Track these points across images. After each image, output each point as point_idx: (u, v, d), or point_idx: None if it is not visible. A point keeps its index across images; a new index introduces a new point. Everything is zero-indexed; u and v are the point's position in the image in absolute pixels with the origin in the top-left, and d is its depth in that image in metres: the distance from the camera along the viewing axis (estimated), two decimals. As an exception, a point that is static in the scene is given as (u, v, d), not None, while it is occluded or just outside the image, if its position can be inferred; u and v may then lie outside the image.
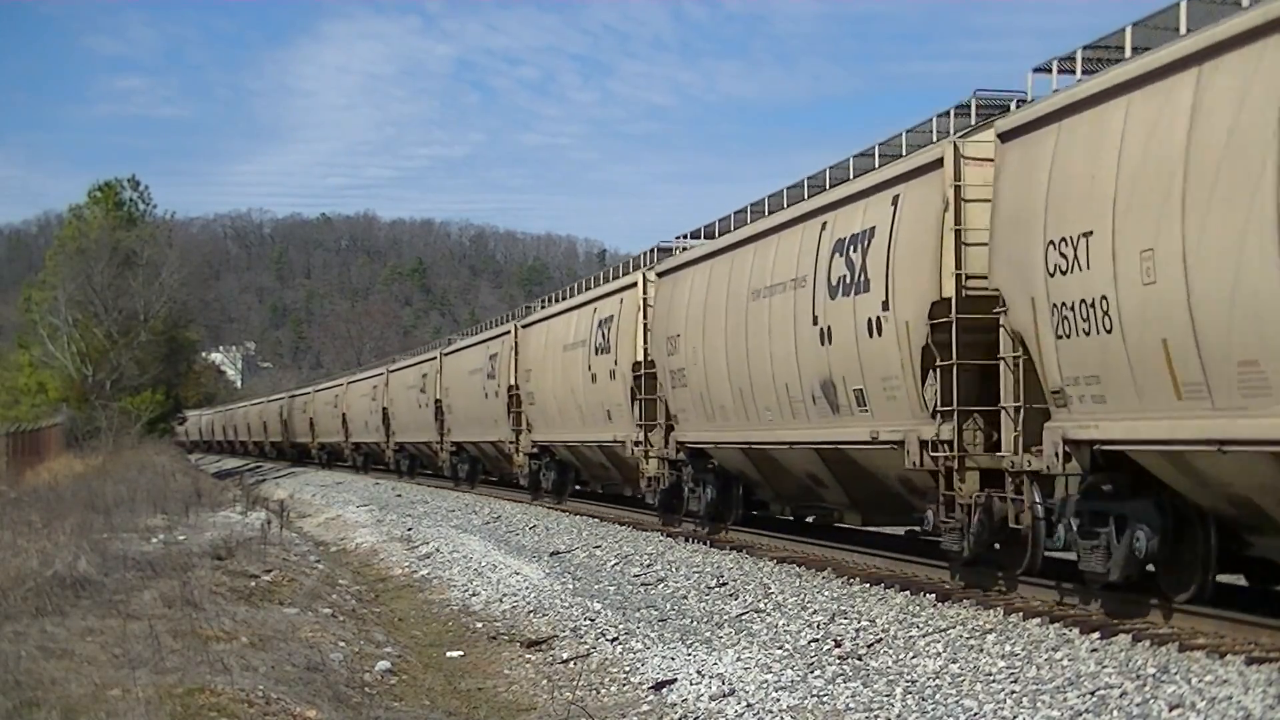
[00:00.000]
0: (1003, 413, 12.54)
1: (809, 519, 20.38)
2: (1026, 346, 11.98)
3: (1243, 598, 11.75)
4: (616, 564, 18.98)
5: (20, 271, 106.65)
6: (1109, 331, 10.58)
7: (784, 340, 16.63)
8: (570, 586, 16.73)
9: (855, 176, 16.05)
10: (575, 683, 11.48)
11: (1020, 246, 11.84)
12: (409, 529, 26.90)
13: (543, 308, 32.21)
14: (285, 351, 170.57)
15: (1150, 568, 11.37)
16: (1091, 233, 10.72)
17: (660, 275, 22.44)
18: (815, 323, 15.78)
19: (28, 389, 60.07)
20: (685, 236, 23.11)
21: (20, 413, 56.21)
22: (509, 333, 32.79)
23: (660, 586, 16.53)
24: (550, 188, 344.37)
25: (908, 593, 14.01)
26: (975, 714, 9.17)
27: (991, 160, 12.74)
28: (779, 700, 9.96)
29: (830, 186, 16.70)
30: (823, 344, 15.61)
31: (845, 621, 12.93)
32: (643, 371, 22.96)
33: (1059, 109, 11.56)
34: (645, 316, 23.11)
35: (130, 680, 9.42)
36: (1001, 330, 12.38)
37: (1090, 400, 11.05)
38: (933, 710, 9.35)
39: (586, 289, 28.21)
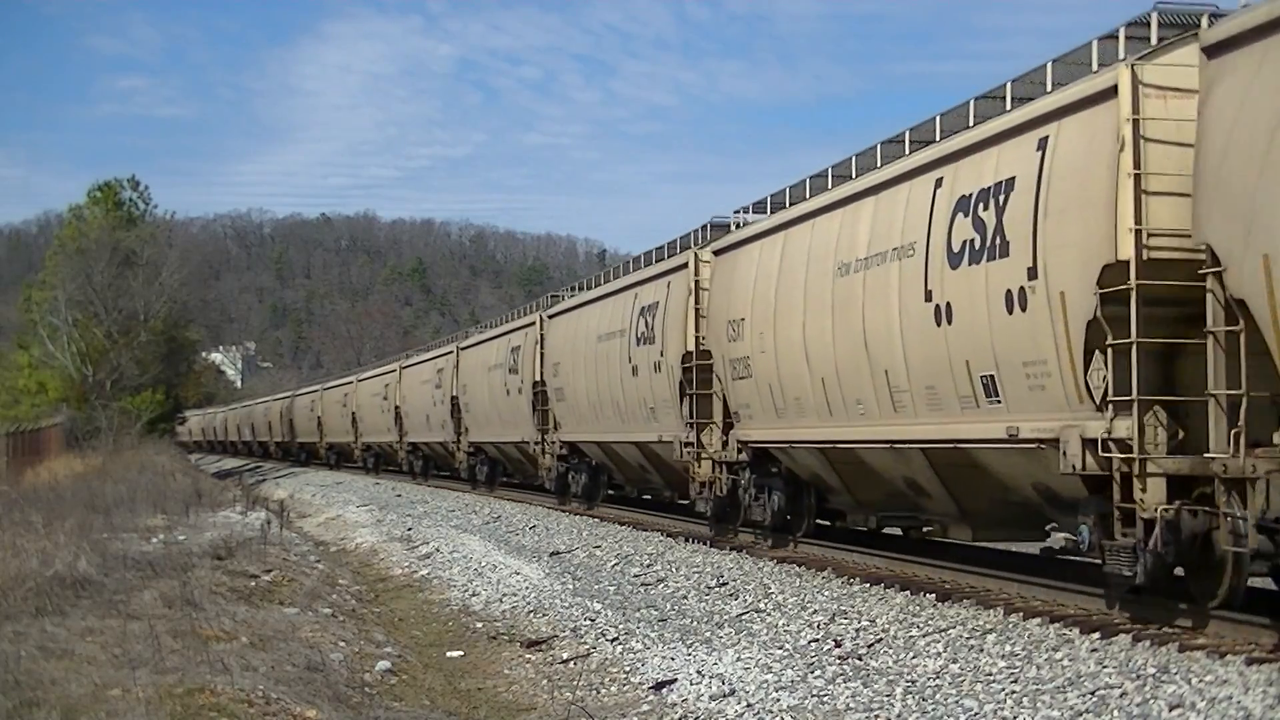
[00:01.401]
0: (1211, 403, 9.99)
1: (898, 531, 18.01)
2: (1254, 317, 9.47)
3: None
4: (616, 564, 18.97)
5: (20, 271, 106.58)
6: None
7: (883, 320, 14.22)
8: (570, 586, 16.73)
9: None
10: (575, 683, 11.48)
11: (1247, 188, 9.43)
12: (409, 529, 26.89)
13: (570, 295, 29.86)
14: (285, 351, 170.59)
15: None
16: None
17: (717, 253, 19.92)
18: (929, 298, 13.31)
19: (28, 389, 60.07)
20: (745, 210, 20.12)
21: (20, 413, 56.21)
22: (534, 323, 30.48)
23: (660, 586, 16.53)
24: (551, 188, 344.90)
25: (908, 593, 14.01)
26: (975, 714, 9.17)
27: (1184, 90, 10.50)
28: (779, 700, 9.96)
29: (942, 139, 14.14)
30: (939, 323, 13.16)
31: (845, 621, 12.93)
32: (694, 363, 20.31)
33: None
34: (698, 301, 20.53)
35: (130, 680, 9.42)
36: (1210, 298, 9.94)
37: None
38: (933, 710, 9.35)
39: (625, 274, 25.56)
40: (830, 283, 15.43)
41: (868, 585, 14.81)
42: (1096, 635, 10.94)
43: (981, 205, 12.40)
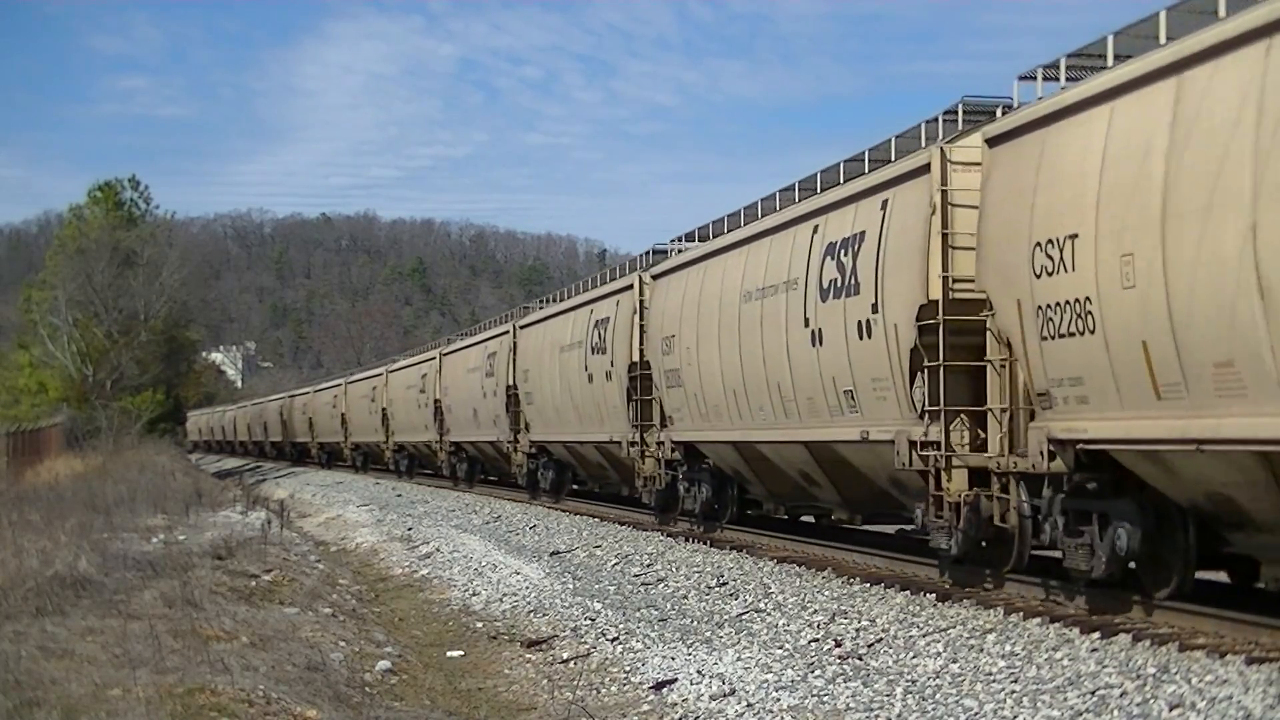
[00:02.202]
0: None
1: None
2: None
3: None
4: (616, 564, 18.98)
5: (20, 271, 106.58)
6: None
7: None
8: (570, 586, 16.74)
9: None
10: (575, 682, 11.48)
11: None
12: (409, 529, 26.91)
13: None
14: (285, 351, 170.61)
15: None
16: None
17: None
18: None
19: (28, 389, 60.08)
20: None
21: (20, 412, 56.21)
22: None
23: (660, 586, 16.54)
24: (553, 187, 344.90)
25: (908, 593, 14.02)
26: (975, 714, 9.17)
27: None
28: (779, 700, 9.96)
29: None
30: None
31: (845, 621, 12.94)
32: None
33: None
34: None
35: (130, 680, 9.42)
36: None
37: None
38: (933, 710, 9.36)
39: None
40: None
41: (868, 585, 14.82)
42: (1096, 635, 10.96)
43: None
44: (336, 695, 10.26)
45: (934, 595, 13.63)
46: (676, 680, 10.97)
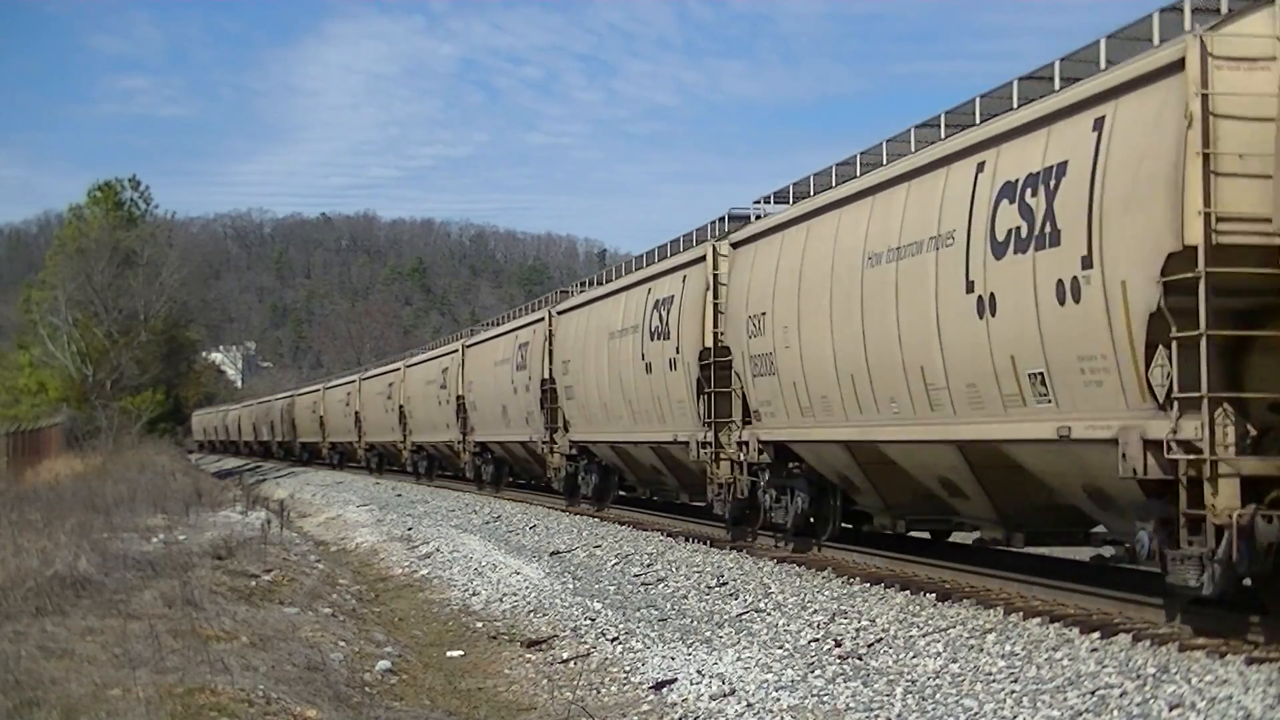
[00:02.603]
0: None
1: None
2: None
3: None
4: (616, 564, 18.98)
5: (20, 271, 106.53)
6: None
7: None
8: (570, 586, 16.73)
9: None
10: (575, 682, 11.48)
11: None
12: (409, 529, 26.90)
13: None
14: (285, 351, 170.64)
15: None
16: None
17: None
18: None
19: (28, 389, 60.09)
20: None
21: (20, 412, 56.21)
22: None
23: (660, 586, 16.54)
24: (553, 187, 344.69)
25: (908, 592, 14.01)
26: (975, 714, 9.17)
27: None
28: (779, 700, 9.96)
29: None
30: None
31: (845, 621, 12.94)
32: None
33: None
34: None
35: (130, 680, 9.42)
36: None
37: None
38: (933, 710, 9.35)
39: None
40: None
41: (868, 585, 14.81)
42: (1096, 635, 10.95)
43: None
44: (336, 695, 10.26)
45: (934, 595, 13.62)
46: (676, 680, 10.96)
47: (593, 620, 14.05)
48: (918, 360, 13.49)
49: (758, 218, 19.18)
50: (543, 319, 29.77)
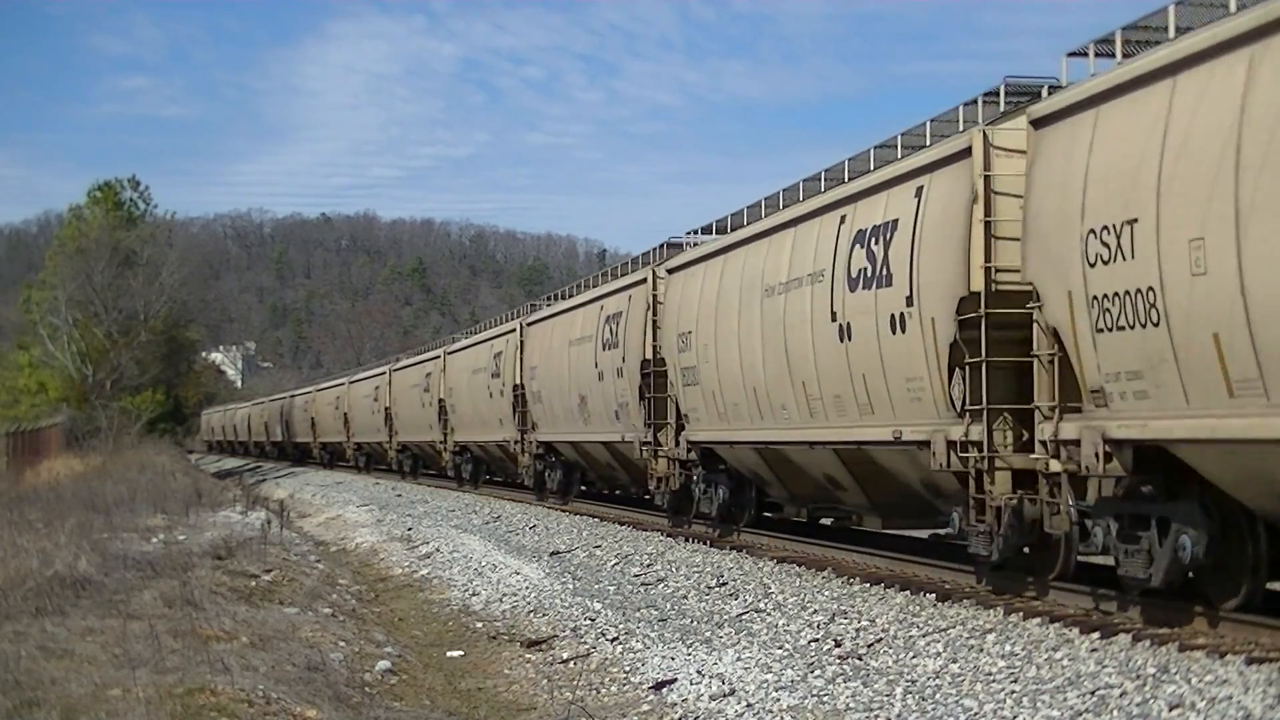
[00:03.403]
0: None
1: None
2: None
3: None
4: (616, 564, 18.98)
5: (20, 271, 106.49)
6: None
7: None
8: (570, 586, 16.73)
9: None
10: (575, 682, 11.48)
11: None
12: (409, 529, 26.90)
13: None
14: (285, 351, 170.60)
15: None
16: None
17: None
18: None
19: (28, 389, 60.09)
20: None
21: (20, 412, 56.24)
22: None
23: (660, 586, 16.54)
24: (554, 187, 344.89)
25: (908, 593, 14.01)
26: (975, 714, 9.17)
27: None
28: (779, 700, 9.96)
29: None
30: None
31: (845, 621, 12.94)
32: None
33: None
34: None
35: (130, 680, 9.42)
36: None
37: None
38: (933, 710, 9.36)
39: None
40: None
41: (868, 585, 14.81)
42: (1096, 635, 10.95)
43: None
44: (336, 695, 10.26)
45: (934, 595, 13.62)
46: (676, 680, 10.97)
47: (593, 620, 14.06)
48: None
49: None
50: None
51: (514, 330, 32.40)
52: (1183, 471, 10.54)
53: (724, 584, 16.00)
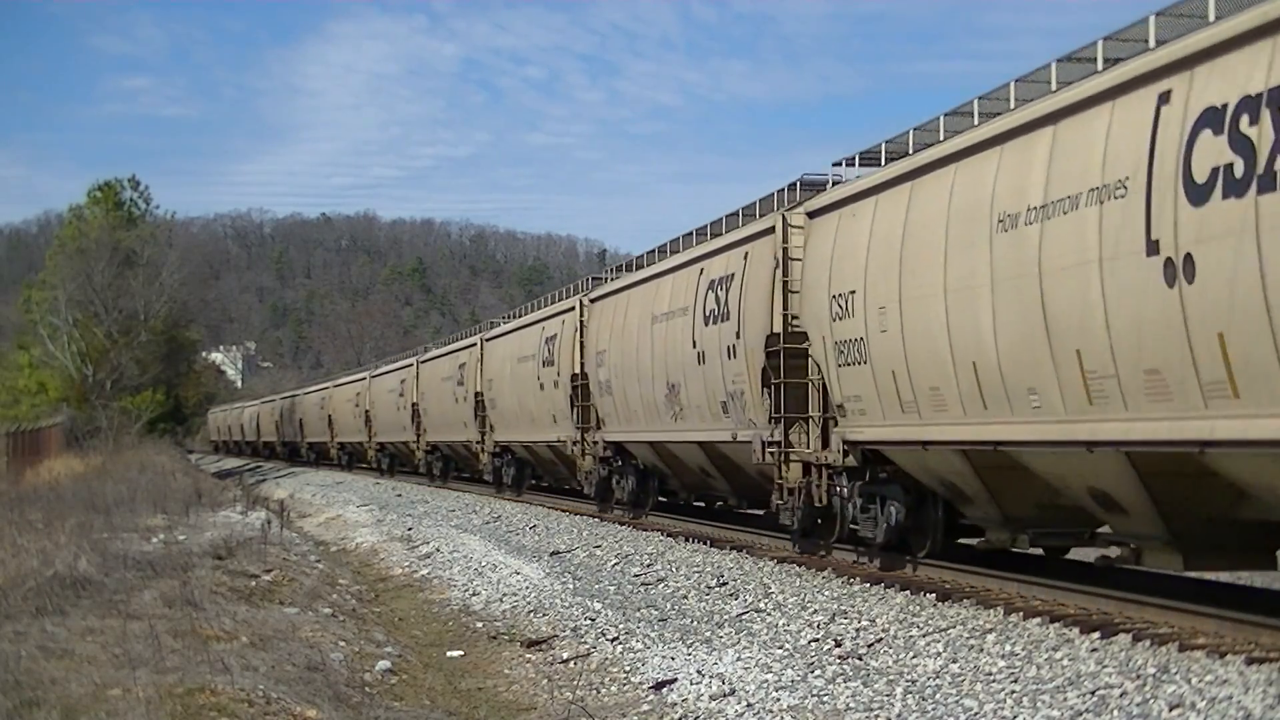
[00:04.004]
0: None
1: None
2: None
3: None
4: (616, 564, 18.98)
5: (20, 271, 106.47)
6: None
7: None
8: (570, 586, 16.74)
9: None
10: (575, 682, 11.48)
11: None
12: (409, 529, 26.91)
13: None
14: (285, 351, 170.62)
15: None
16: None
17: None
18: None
19: (28, 389, 60.05)
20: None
21: (20, 412, 56.18)
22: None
23: (660, 586, 16.54)
24: (555, 187, 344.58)
25: (908, 593, 14.02)
26: (975, 714, 9.17)
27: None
28: (779, 700, 9.96)
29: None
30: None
31: (845, 621, 12.94)
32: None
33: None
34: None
35: (130, 680, 9.42)
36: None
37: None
38: (933, 710, 9.36)
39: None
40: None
41: (868, 585, 14.82)
42: (1096, 635, 10.95)
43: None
44: (336, 695, 10.26)
45: (934, 595, 13.63)
46: (676, 680, 10.97)
47: (593, 620, 14.06)
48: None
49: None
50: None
51: (573, 308, 27.83)
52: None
53: (724, 584, 16.00)
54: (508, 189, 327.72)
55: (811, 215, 16.93)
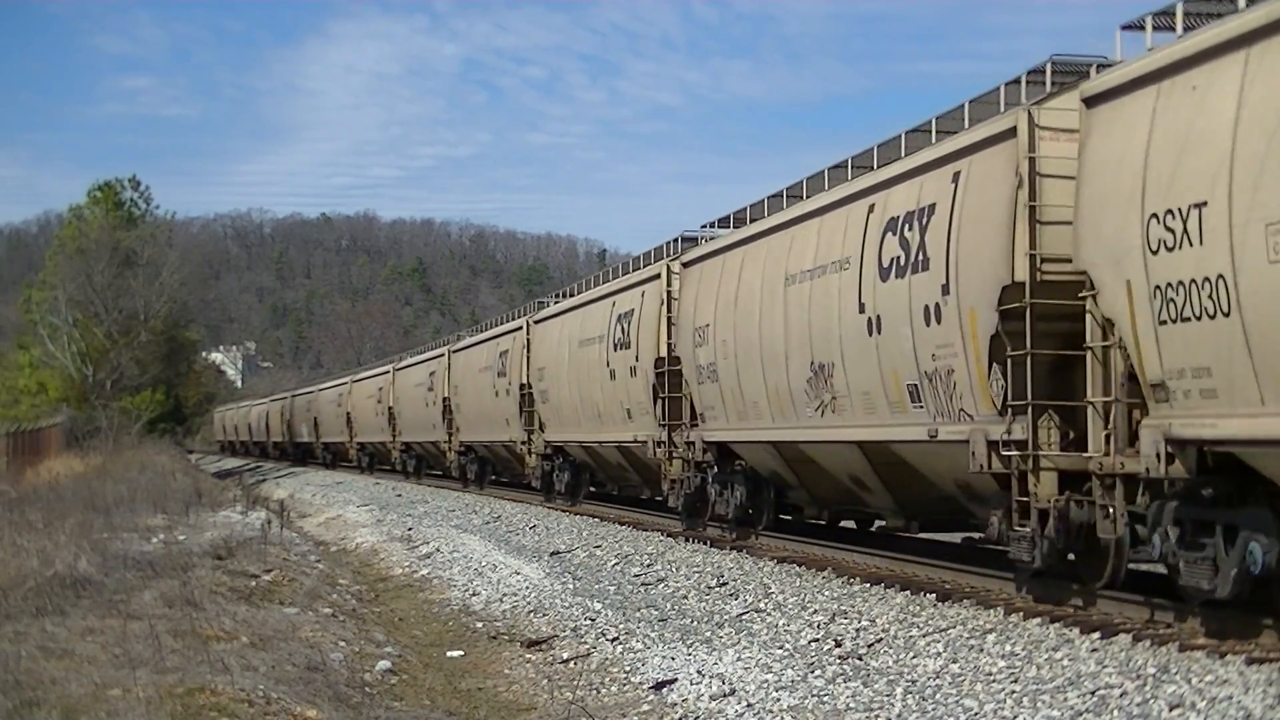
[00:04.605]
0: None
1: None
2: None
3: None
4: (617, 564, 18.98)
5: (20, 271, 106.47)
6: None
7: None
8: (570, 586, 16.73)
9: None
10: (575, 682, 11.48)
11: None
12: (409, 529, 26.90)
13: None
14: (285, 351, 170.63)
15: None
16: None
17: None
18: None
19: (28, 389, 60.04)
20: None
21: (20, 413, 56.18)
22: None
23: (660, 586, 16.54)
24: (555, 187, 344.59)
25: (908, 593, 14.01)
26: (975, 714, 9.17)
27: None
28: (779, 700, 9.96)
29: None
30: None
31: (845, 621, 12.94)
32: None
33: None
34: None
35: (130, 680, 9.42)
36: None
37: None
38: (933, 710, 9.35)
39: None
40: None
41: (868, 585, 14.81)
42: (1096, 635, 10.95)
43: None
44: (336, 695, 10.26)
45: (934, 595, 13.62)
46: (676, 680, 10.97)
47: (593, 620, 14.05)
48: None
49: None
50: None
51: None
52: (1251, 475, 9.85)
53: (724, 584, 15.99)
54: (508, 189, 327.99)
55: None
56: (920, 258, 13.26)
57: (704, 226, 21.80)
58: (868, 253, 14.38)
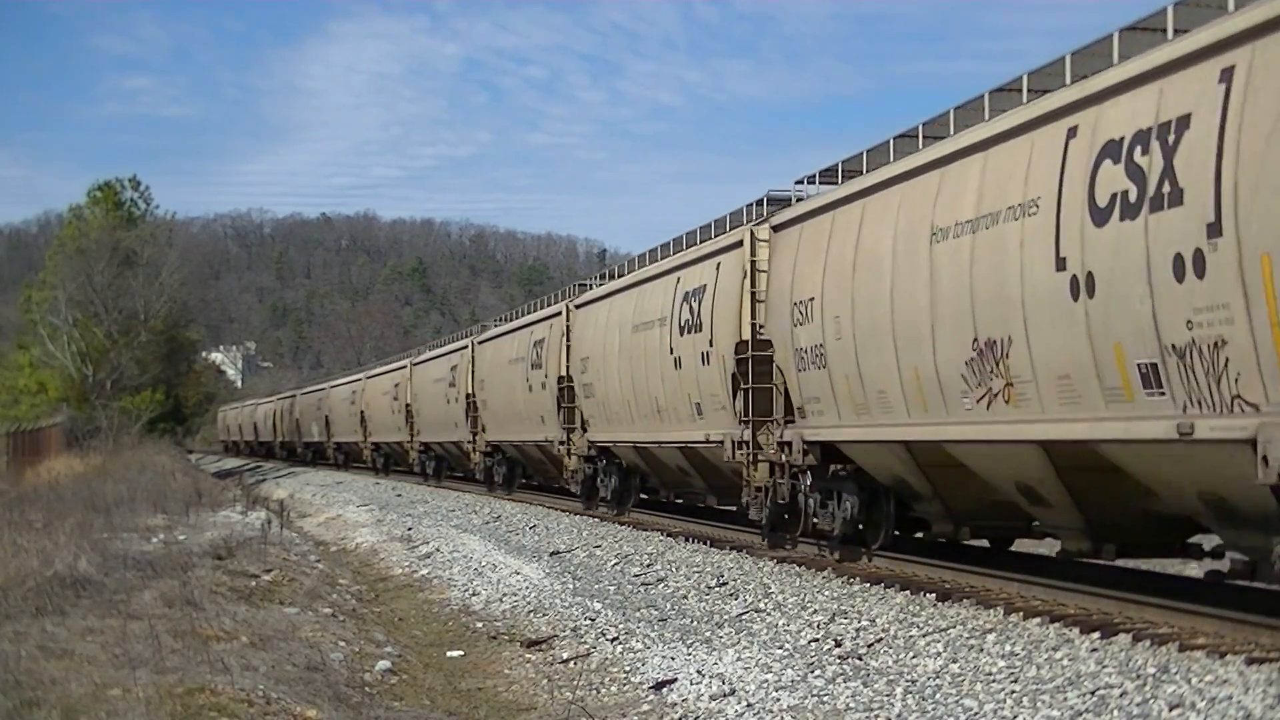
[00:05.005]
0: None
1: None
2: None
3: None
4: (616, 564, 18.98)
5: (20, 271, 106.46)
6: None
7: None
8: (570, 586, 16.73)
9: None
10: (575, 682, 11.48)
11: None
12: (409, 529, 26.90)
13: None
14: (285, 351, 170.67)
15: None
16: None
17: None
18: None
19: (28, 389, 60.07)
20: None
21: (20, 412, 56.21)
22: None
23: (660, 586, 16.54)
24: (556, 187, 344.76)
25: (908, 592, 14.01)
26: (975, 714, 9.17)
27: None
28: (779, 700, 9.96)
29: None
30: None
31: (845, 621, 12.93)
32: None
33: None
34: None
35: (130, 680, 9.42)
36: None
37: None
38: (933, 710, 9.35)
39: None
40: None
41: (868, 585, 14.81)
42: (1096, 635, 10.95)
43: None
44: (336, 695, 10.26)
45: (934, 595, 13.62)
46: (676, 680, 10.97)
47: (593, 620, 14.05)
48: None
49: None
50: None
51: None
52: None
53: (724, 584, 16.00)
54: (508, 189, 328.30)
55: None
56: (1166, 189, 9.91)
57: (797, 182, 18.80)
58: (1069, 190, 11.01)
